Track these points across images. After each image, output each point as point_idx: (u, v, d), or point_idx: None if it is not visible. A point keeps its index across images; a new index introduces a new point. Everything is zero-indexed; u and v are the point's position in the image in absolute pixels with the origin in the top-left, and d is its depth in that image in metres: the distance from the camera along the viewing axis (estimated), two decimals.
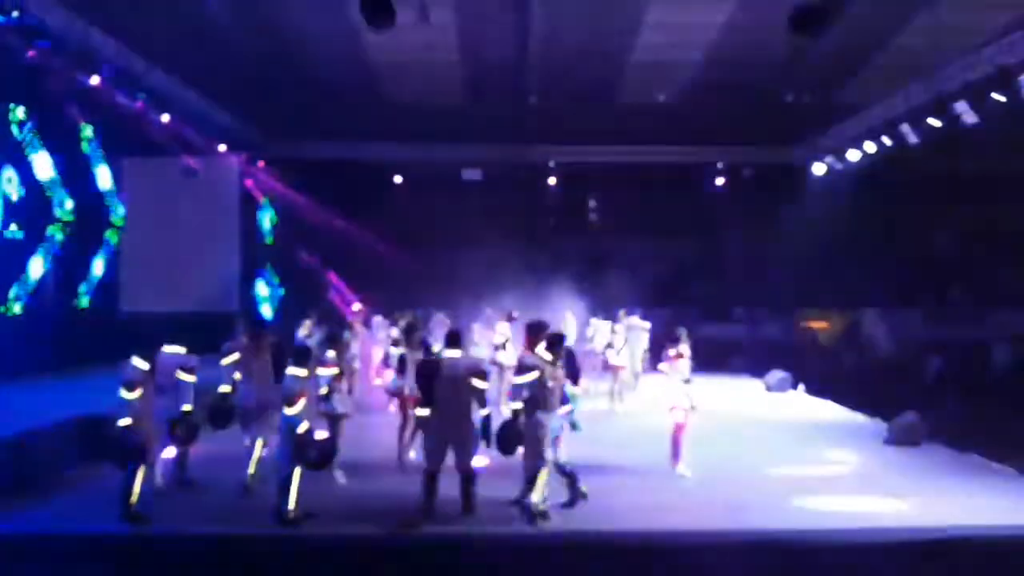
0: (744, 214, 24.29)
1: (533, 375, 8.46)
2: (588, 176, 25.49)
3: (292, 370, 8.56)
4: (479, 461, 8.80)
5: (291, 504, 8.20)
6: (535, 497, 8.31)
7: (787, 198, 24.17)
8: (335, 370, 10.16)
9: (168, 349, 9.39)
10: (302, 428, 8.25)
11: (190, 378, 9.36)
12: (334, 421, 9.98)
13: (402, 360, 10.79)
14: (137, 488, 8.29)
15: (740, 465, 11.00)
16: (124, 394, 8.30)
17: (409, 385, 10.39)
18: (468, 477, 8.59)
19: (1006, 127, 16.83)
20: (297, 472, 8.24)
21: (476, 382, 8.60)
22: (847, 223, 23.31)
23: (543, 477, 8.38)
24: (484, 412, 8.61)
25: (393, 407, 11.71)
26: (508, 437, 8.46)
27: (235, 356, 9.87)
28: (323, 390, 9.94)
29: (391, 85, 21.02)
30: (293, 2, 16.29)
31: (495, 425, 8.56)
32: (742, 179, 24.99)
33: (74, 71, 15.06)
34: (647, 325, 17.15)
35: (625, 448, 11.80)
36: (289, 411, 8.29)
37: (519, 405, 8.42)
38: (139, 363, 8.46)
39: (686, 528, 8.32)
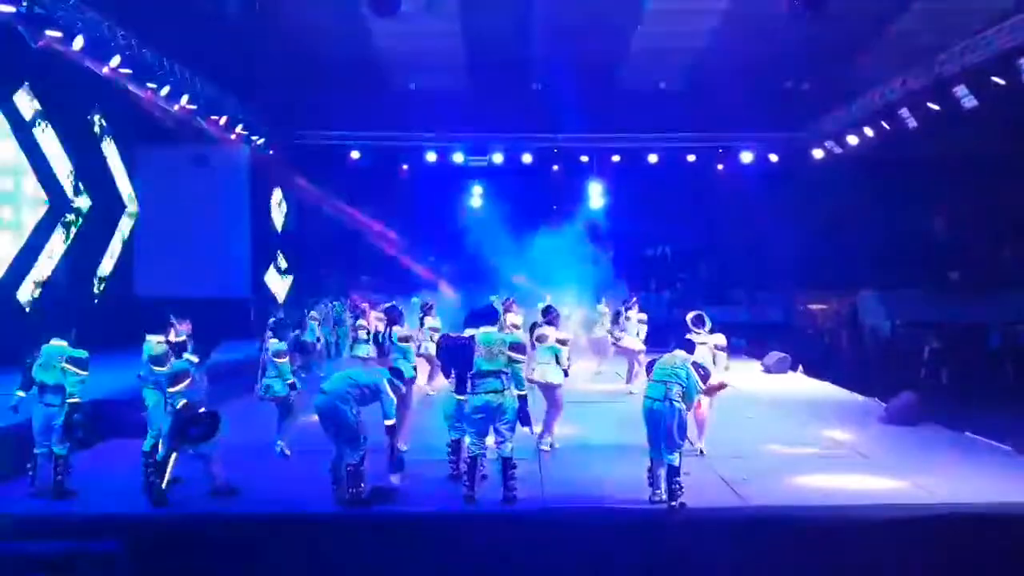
0: (744, 198, 24.38)
1: None
2: (590, 161, 25.66)
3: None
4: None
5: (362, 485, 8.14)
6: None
7: (787, 182, 24.31)
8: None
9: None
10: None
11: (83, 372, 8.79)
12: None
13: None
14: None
15: (739, 443, 10.97)
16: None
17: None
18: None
19: (1006, 110, 16.92)
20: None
21: (514, 354, 8.46)
22: (846, 206, 23.41)
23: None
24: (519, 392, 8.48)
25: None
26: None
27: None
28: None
29: (397, 73, 21.19)
30: None
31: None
32: (743, 163, 25.13)
33: (85, 60, 15.20)
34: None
35: (627, 427, 11.85)
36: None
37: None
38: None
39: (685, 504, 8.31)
